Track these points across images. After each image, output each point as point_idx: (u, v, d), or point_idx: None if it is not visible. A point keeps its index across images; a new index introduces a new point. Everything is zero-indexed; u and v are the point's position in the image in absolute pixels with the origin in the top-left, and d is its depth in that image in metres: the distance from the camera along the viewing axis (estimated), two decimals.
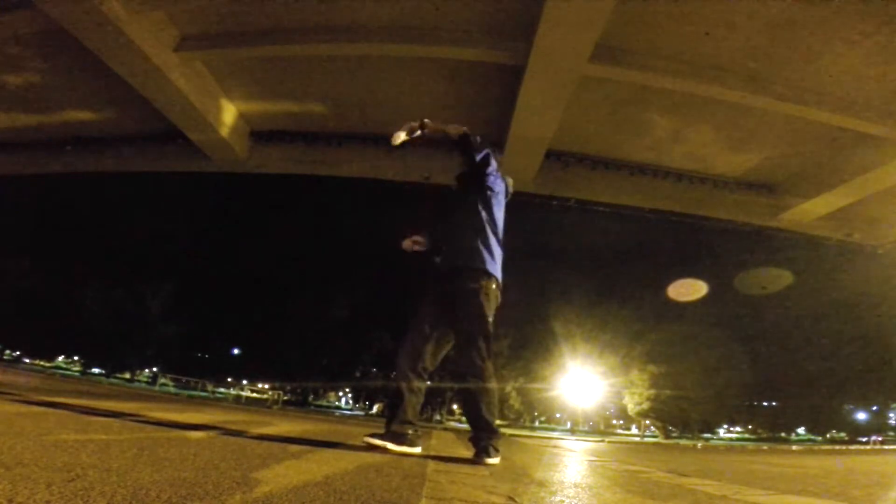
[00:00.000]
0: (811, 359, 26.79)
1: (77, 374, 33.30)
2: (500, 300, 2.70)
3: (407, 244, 2.83)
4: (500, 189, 2.83)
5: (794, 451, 12.04)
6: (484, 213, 2.74)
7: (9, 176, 13.62)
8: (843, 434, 32.35)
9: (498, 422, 2.57)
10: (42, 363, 36.91)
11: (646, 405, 27.79)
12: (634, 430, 36.15)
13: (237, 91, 10.19)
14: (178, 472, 1.23)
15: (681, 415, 27.78)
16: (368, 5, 7.61)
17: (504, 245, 2.81)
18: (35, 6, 7.53)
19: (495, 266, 2.67)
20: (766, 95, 8.14)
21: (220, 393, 32.57)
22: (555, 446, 6.68)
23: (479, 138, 2.75)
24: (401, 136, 2.63)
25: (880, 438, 28.43)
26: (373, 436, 2.50)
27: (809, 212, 10.91)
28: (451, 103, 9.73)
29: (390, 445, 2.44)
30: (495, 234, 2.74)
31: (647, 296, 29.66)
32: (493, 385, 2.52)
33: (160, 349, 33.79)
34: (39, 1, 7.41)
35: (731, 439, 35.18)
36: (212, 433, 2.59)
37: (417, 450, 2.54)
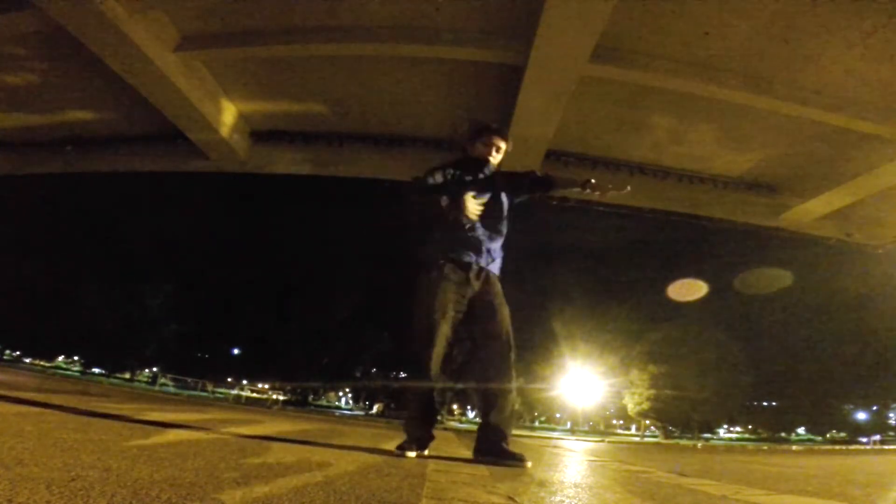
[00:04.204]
0: (811, 359, 26.82)
1: (77, 374, 33.29)
2: None
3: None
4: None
5: (794, 451, 12.04)
6: (507, 227, 2.80)
7: (9, 176, 13.60)
8: (843, 434, 32.35)
9: None
10: (42, 363, 36.92)
11: (646, 405, 27.82)
12: (634, 430, 36.14)
13: (237, 91, 10.18)
14: (177, 472, 1.23)
15: (681, 415, 27.81)
16: (369, 5, 7.61)
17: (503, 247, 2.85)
18: (35, 6, 7.52)
19: None
20: (766, 95, 8.13)
21: (220, 393, 32.56)
22: (555, 446, 6.69)
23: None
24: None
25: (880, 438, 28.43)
26: (405, 447, 2.43)
27: (809, 212, 10.90)
28: (451, 103, 9.72)
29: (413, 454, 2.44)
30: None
31: (647, 296, 29.77)
32: (514, 388, 2.59)
33: (160, 349, 33.82)
34: (39, 1, 7.40)
35: (731, 439, 35.19)
36: (211, 433, 2.59)
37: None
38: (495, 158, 2.86)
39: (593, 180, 2.71)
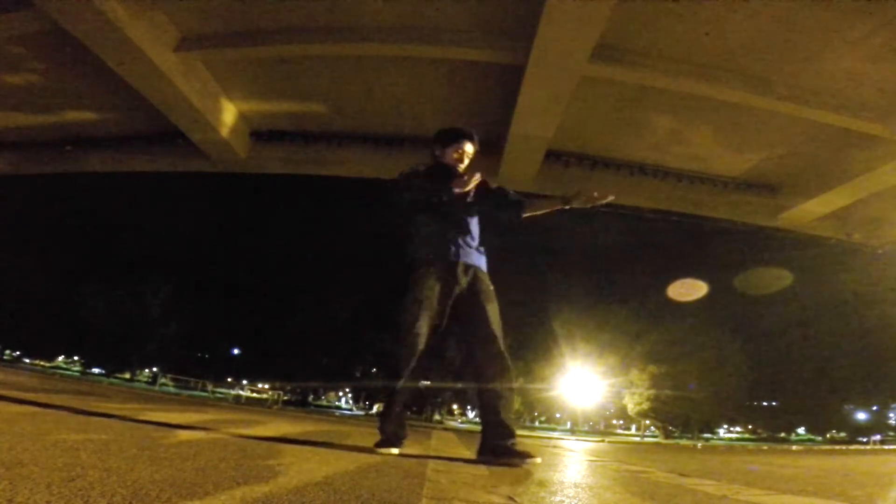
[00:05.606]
0: (811, 359, 26.83)
1: (77, 374, 33.28)
2: None
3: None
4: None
5: (794, 451, 12.03)
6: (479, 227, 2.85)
7: (9, 176, 13.61)
8: (843, 434, 32.34)
9: None
10: (42, 363, 36.93)
11: (646, 405, 27.83)
12: (634, 430, 36.14)
13: (237, 91, 10.18)
14: (178, 472, 1.23)
15: (681, 415, 27.82)
16: (369, 5, 7.61)
17: (498, 246, 2.87)
18: (35, 6, 7.53)
19: None
20: (766, 95, 8.14)
21: (220, 393, 32.54)
22: (555, 446, 6.69)
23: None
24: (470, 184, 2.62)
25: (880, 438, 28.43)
26: (381, 445, 2.47)
27: (809, 212, 10.91)
28: (451, 103, 9.72)
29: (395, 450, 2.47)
30: None
31: (647, 296, 29.75)
32: (513, 386, 2.58)
33: (160, 349, 33.78)
34: (39, 1, 7.41)
35: (731, 439, 35.17)
36: (211, 433, 2.59)
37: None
38: (465, 164, 2.89)
39: (574, 193, 2.79)
